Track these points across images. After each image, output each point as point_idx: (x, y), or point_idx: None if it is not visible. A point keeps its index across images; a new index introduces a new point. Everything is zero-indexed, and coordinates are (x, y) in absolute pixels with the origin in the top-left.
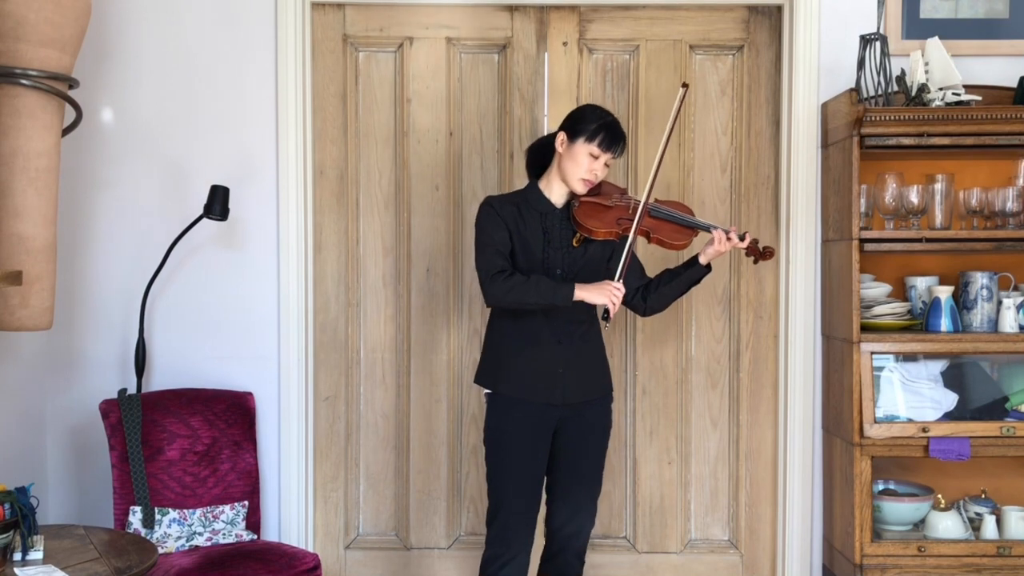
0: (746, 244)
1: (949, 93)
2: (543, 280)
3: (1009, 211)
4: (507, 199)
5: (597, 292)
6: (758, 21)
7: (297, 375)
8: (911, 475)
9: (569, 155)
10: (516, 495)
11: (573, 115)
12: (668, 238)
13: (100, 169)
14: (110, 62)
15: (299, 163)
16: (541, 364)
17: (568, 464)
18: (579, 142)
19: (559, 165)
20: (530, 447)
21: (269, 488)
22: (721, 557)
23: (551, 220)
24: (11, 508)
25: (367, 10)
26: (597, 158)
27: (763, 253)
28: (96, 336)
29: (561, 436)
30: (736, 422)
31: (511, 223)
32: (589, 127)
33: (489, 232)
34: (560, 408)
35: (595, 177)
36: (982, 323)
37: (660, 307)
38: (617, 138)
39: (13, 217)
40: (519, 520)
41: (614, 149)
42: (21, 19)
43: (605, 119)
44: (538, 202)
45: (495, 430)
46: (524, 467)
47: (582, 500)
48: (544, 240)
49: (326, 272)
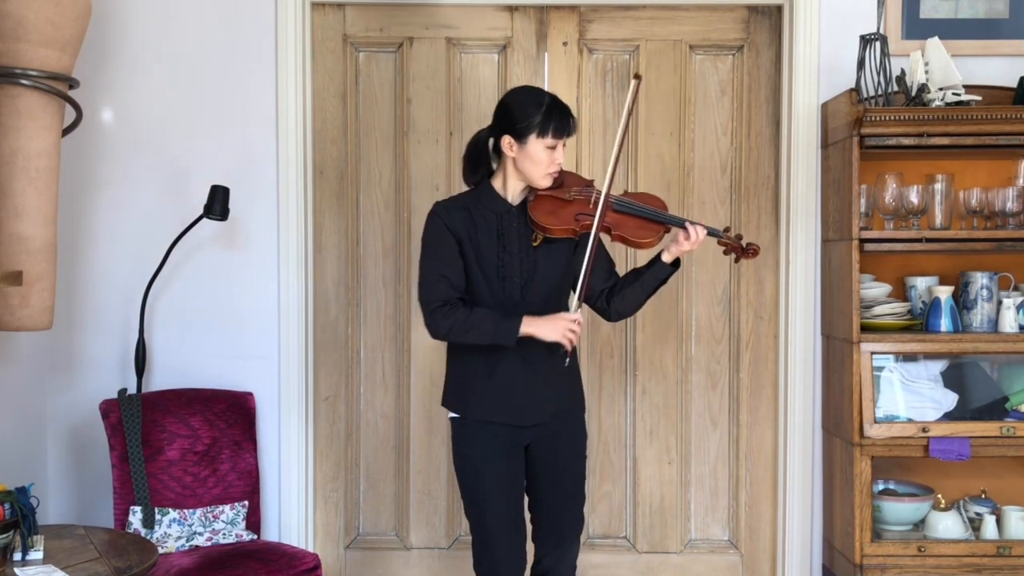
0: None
1: (949, 93)
2: (486, 318)
3: (1009, 211)
4: (457, 202)
5: (550, 328)
6: (758, 21)
7: (297, 375)
8: (911, 475)
9: (523, 156)
10: (500, 528)
11: (510, 113)
12: (632, 235)
13: (100, 169)
14: (110, 62)
15: (299, 163)
16: (505, 383)
17: (548, 483)
18: (530, 140)
19: (515, 167)
20: (504, 473)
21: (269, 488)
22: (721, 557)
23: (507, 221)
24: (11, 508)
25: (367, 10)
26: (555, 148)
27: (745, 250)
28: (96, 336)
29: (534, 458)
30: (736, 422)
31: (461, 231)
32: (535, 121)
33: (434, 248)
34: (528, 430)
35: (558, 167)
36: (982, 323)
37: (626, 311)
38: (567, 117)
39: (13, 217)
40: (509, 549)
41: (569, 130)
42: (21, 19)
43: (543, 103)
44: (492, 202)
45: (465, 458)
46: (501, 498)
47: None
48: (499, 244)
49: (326, 272)
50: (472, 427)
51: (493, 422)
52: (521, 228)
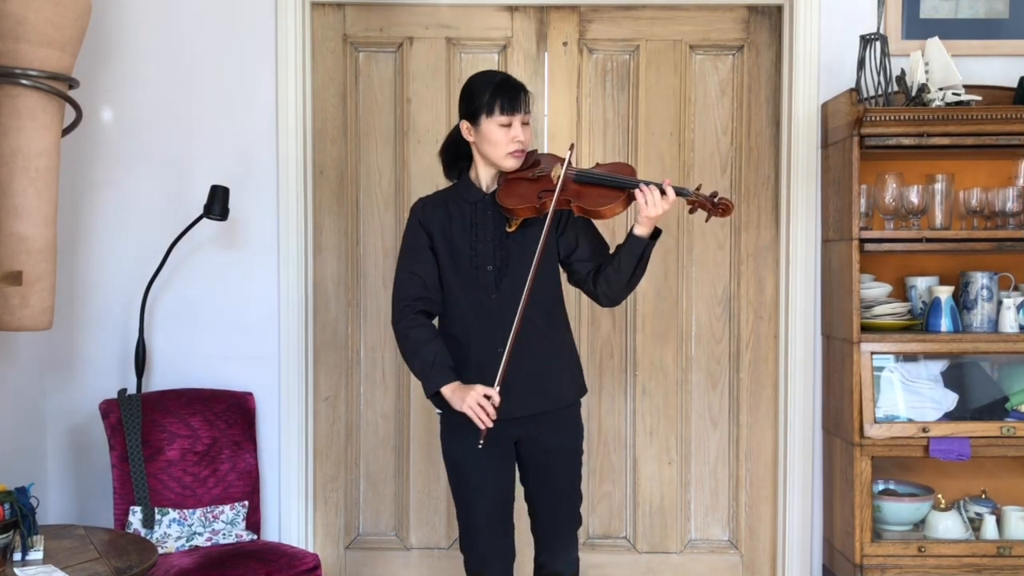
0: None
1: (949, 93)
2: (426, 358)
3: (1009, 211)
4: (436, 198)
5: (460, 399)
6: (758, 21)
7: (297, 375)
8: (911, 475)
9: (482, 139)
10: (485, 524)
11: (463, 98)
12: (591, 204)
13: (100, 169)
14: (110, 62)
15: (299, 163)
16: (484, 376)
17: (541, 480)
18: (482, 120)
19: (480, 154)
20: (488, 471)
21: (269, 488)
22: (721, 557)
23: (481, 209)
24: (11, 508)
25: (367, 10)
26: (510, 126)
27: (716, 206)
28: (96, 336)
29: (525, 455)
30: (736, 422)
31: (436, 227)
32: (483, 100)
33: (409, 245)
34: (513, 425)
35: (520, 145)
36: (982, 323)
37: (614, 293)
38: (515, 92)
39: (13, 217)
40: (494, 547)
41: (519, 106)
42: (21, 19)
43: (493, 81)
44: (468, 192)
45: (450, 454)
46: (486, 494)
47: (561, 528)
48: (472, 233)
49: (326, 272)
50: (456, 422)
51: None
52: (495, 216)
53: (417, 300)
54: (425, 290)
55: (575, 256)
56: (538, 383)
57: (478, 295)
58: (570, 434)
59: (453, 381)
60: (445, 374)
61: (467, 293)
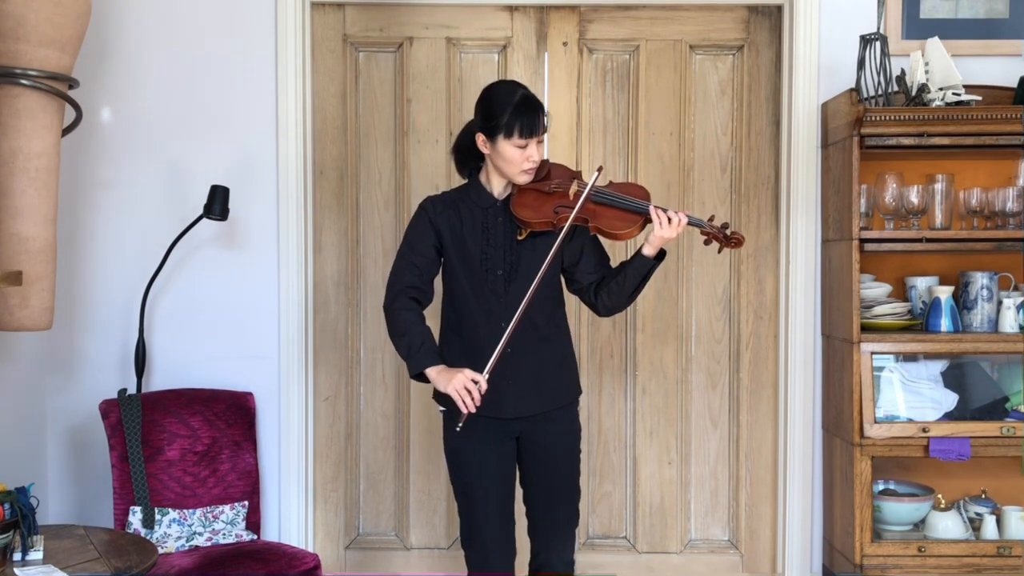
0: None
1: (949, 93)
2: (413, 340)
3: (1009, 211)
4: (446, 198)
5: (445, 379)
6: (758, 21)
7: (297, 375)
8: (911, 475)
9: (496, 155)
10: (488, 519)
11: (482, 109)
12: (608, 226)
13: (100, 169)
14: (110, 62)
15: (299, 163)
16: (491, 376)
17: (540, 478)
18: (499, 140)
19: (492, 164)
20: (490, 466)
21: (269, 488)
22: (721, 557)
23: (492, 215)
24: (11, 508)
25: (367, 10)
26: (525, 147)
27: (728, 239)
28: (96, 336)
29: (525, 453)
30: (736, 422)
31: (445, 226)
32: (501, 121)
33: (412, 237)
34: (514, 422)
35: (533, 163)
36: (982, 323)
37: (615, 305)
38: (534, 116)
39: (13, 217)
40: (497, 541)
41: (538, 129)
42: (21, 19)
43: (513, 101)
44: (479, 197)
45: (452, 451)
46: (489, 489)
47: (558, 526)
48: (483, 238)
49: (326, 272)
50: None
51: (478, 415)
52: (506, 222)
53: (412, 288)
54: (421, 281)
55: (579, 267)
56: (537, 385)
57: (487, 298)
58: (570, 433)
59: (439, 364)
60: (431, 356)
61: (477, 295)
